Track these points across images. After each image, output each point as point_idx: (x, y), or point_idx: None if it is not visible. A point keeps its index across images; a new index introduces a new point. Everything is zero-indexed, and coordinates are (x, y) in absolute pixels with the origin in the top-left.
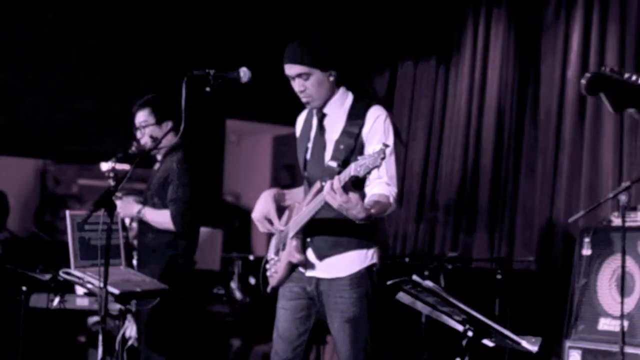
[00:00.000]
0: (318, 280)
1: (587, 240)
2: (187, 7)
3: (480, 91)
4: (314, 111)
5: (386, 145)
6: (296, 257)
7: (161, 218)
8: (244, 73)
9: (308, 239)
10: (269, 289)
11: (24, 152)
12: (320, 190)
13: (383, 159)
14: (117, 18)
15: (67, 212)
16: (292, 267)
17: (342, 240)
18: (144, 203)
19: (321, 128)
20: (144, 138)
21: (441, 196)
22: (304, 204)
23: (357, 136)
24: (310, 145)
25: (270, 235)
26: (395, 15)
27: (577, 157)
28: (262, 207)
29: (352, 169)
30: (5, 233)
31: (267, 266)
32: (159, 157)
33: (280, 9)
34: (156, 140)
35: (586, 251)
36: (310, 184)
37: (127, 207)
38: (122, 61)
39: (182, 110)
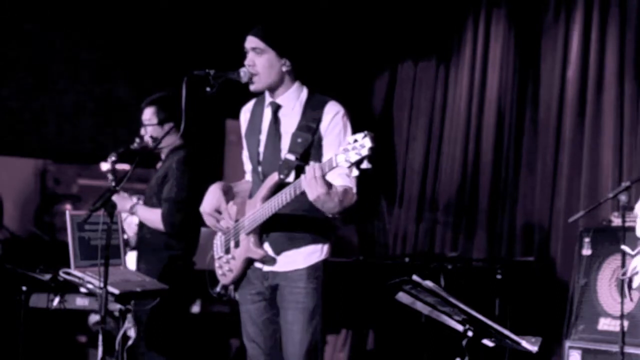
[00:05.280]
0: (275, 274)
1: (587, 240)
2: (187, 7)
3: (480, 91)
4: (265, 103)
5: (369, 132)
6: (258, 253)
7: (153, 216)
8: (244, 73)
9: (264, 234)
10: (218, 289)
11: (24, 152)
12: (279, 182)
13: (372, 148)
14: (118, 18)
15: (67, 212)
16: (248, 264)
17: (298, 236)
18: (145, 203)
19: (276, 120)
20: (147, 136)
21: (441, 196)
22: (258, 199)
23: (315, 131)
24: (263, 137)
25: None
26: (395, 16)
27: (577, 157)
28: (212, 200)
29: (338, 159)
30: (5, 233)
31: (217, 265)
32: (162, 156)
33: (280, 9)
34: (156, 141)
35: (586, 251)
36: (264, 178)
37: (121, 202)
38: (122, 61)
39: (182, 110)
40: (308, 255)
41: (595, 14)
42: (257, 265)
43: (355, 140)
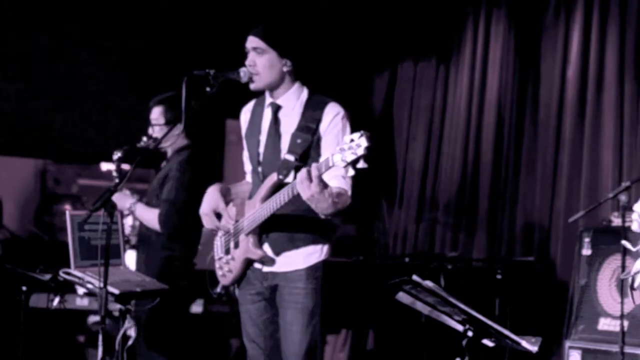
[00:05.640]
0: (275, 274)
1: (587, 240)
2: (187, 7)
3: (480, 91)
4: (265, 103)
5: (365, 132)
6: (257, 254)
7: (150, 216)
8: (244, 73)
9: (264, 235)
10: (219, 289)
11: (24, 152)
12: (278, 183)
13: (368, 147)
14: (117, 18)
15: (67, 212)
16: (248, 264)
17: (299, 236)
18: (147, 203)
19: (276, 120)
20: (154, 135)
21: (441, 196)
22: (257, 199)
23: (315, 131)
24: (263, 138)
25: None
26: (395, 15)
27: (577, 157)
28: (211, 201)
29: (335, 159)
30: (5, 233)
31: (217, 266)
32: (168, 156)
33: (280, 9)
34: (156, 140)
35: (586, 251)
36: (264, 178)
37: (121, 200)
38: (121, 61)
39: (182, 110)
40: (308, 255)
41: (595, 14)
42: (257, 265)
43: (352, 140)
